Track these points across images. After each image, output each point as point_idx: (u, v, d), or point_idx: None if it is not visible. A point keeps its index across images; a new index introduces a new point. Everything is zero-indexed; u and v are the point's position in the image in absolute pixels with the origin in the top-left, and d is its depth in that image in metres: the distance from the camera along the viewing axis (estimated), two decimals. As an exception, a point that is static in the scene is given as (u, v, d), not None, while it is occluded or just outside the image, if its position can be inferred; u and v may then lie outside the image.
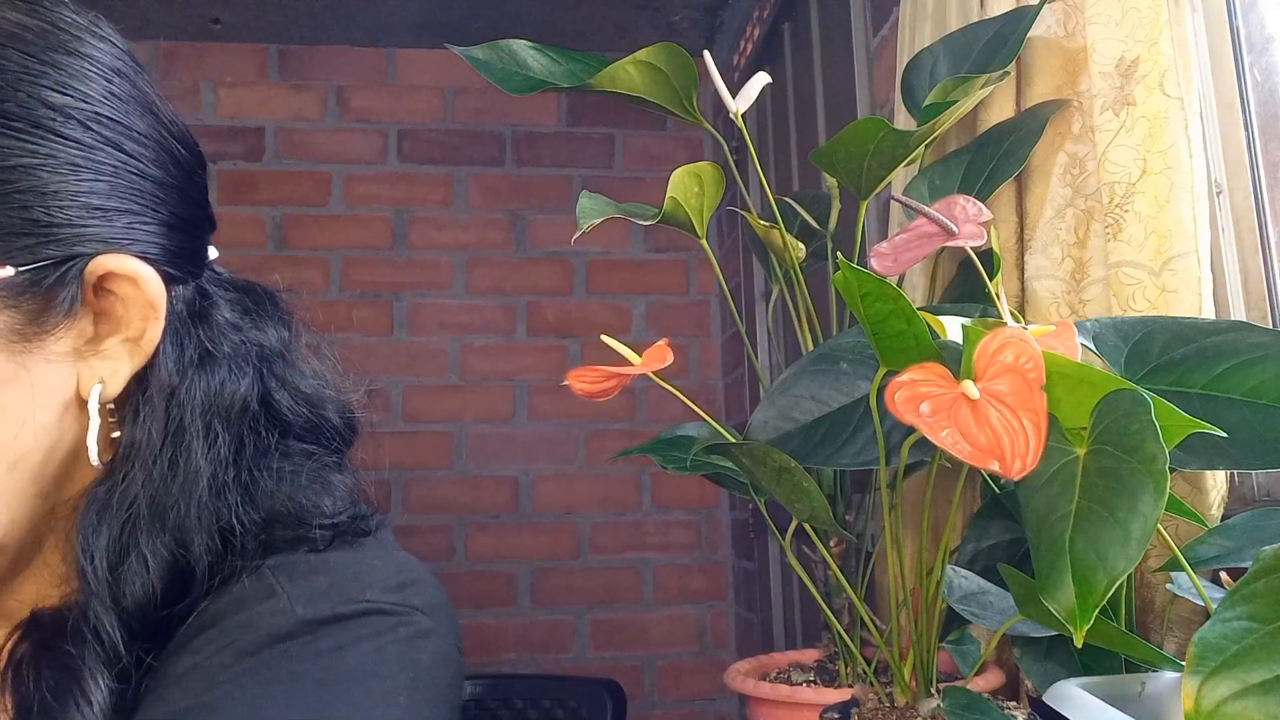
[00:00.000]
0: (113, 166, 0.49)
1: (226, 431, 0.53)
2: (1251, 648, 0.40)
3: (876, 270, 0.77)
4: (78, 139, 0.48)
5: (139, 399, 0.51)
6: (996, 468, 0.50)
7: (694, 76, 0.89)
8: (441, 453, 2.47)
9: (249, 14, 2.39)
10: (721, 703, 2.45)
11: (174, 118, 0.55)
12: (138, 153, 0.51)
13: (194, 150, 0.56)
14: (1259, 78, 0.89)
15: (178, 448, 0.51)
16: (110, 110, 0.50)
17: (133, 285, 0.49)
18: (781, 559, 2.04)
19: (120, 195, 0.49)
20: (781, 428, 0.74)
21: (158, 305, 0.50)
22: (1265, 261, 0.87)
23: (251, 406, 0.55)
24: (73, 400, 0.49)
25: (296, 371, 0.59)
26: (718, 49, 2.45)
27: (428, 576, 0.55)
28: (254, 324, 0.58)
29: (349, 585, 0.51)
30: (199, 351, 0.53)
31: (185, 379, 0.52)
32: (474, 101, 2.59)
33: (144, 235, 0.50)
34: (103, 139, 0.49)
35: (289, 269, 2.46)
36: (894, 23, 1.35)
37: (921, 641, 0.75)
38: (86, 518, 0.49)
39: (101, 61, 0.50)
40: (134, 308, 0.50)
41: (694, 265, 2.63)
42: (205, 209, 0.57)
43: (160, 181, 0.52)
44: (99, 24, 0.52)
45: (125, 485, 0.49)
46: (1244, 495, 0.84)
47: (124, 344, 0.50)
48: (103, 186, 0.49)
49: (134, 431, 0.50)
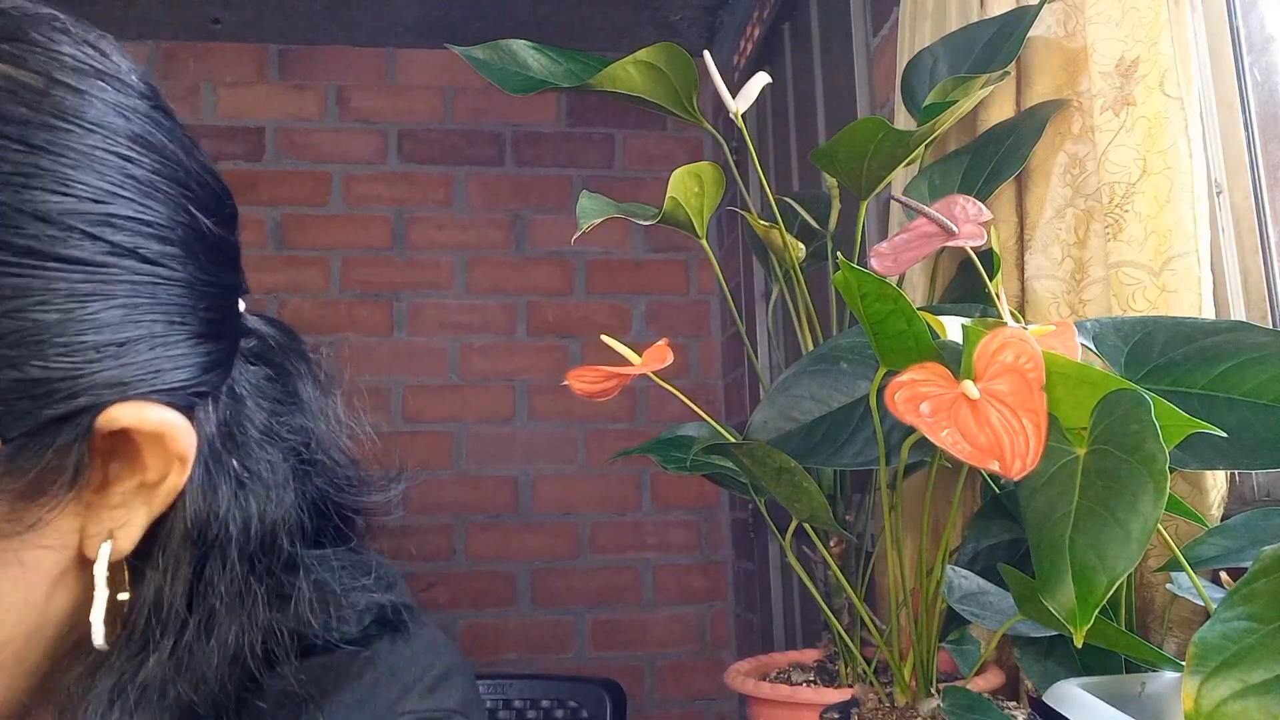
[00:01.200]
0: (129, 284, 0.37)
1: (265, 569, 0.43)
2: (1251, 648, 0.40)
3: (876, 270, 0.77)
4: (83, 258, 0.36)
5: (155, 551, 0.41)
6: (996, 468, 0.50)
7: (694, 76, 0.89)
8: (441, 453, 2.47)
9: (249, 14, 2.39)
10: (721, 703, 2.45)
11: (202, 173, 0.42)
12: (160, 255, 0.39)
13: (225, 211, 0.44)
14: (1259, 78, 0.89)
15: (211, 610, 0.41)
16: (125, 204, 0.38)
17: (158, 440, 0.39)
18: (781, 559, 2.04)
19: (138, 320, 0.38)
20: (781, 428, 0.74)
21: (187, 457, 0.40)
22: (1265, 261, 0.87)
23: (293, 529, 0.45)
24: (73, 563, 0.39)
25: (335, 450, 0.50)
26: (718, 49, 2.45)
27: (457, 660, 0.50)
28: (287, 406, 0.48)
29: (383, 692, 0.44)
30: (233, 484, 0.43)
31: (216, 520, 0.41)
32: (474, 101, 2.59)
33: (168, 363, 0.39)
34: (116, 249, 0.37)
35: (289, 269, 2.46)
36: (894, 23, 1.35)
37: (921, 641, 0.75)
38: (93, 699, 0.39)
39: (112, 127, 0.38)
40: (154, 455, 0.39)
41: (694, 265, 2.63)
42: (239, 281, 0.45)
43: (189, 284, 0.40)
44: (107, 55, 0.39)
45: (144, 660, 0.40)
46: (1244, 495, 0.84)
47: (139, 490, 0.39)
48: (116, 314, 0.37)
49: (152, 594, 0.40)
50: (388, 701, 0.44)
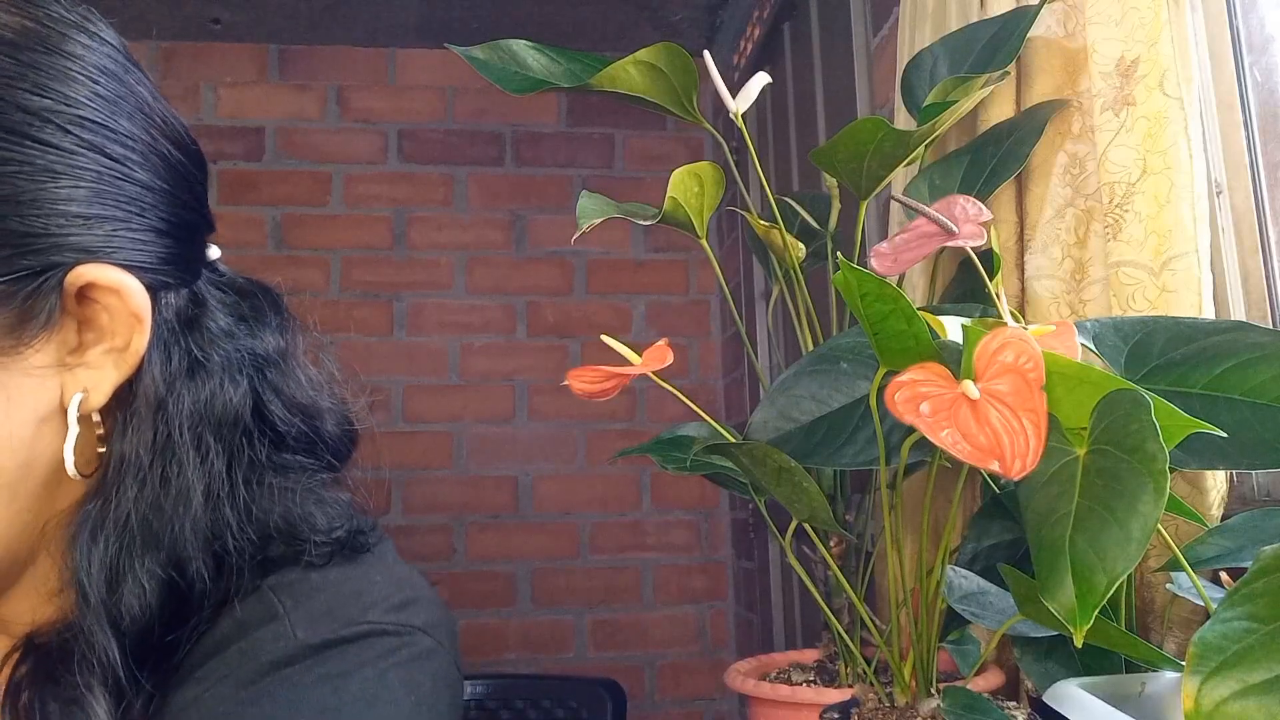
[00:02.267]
0: (95, 172, 0.47)
1: (219, 444, 0.51)
2: (1251, 648, 0.40)
3: (876, 270, 0.77)
4: (56, 144, 0.46)
5: (126, 411, 0.49)
6: (996, 468, 0.50)
7: (694, 76, 0.89)
8: (441, 453, 2.47)
9: (249, 14, 2.39)
10: (721, 703, 2.45)
11: (169, 116, 0.53)
12: (123, 156, 0.49)
13: (190, 150, 0.54)
14: (1259, 78, 0.89)
15: (168, 462, 0.49)
16: (94, 112, 0.48)
17: (116, 296, 0.48)
18: (781, 559, 2.04)
19: (103, 201, 0.48)
20: (781, 428, 0.74)
21: (142, 316, 0.48)
22: (1265, 261, 0.87)
23: (244, 418, 0.53)
24: (55, 412, 0.47)
25: (293, 380, 0.58)
26: (718, 49, 2.45)
27: (428, 592, 0.55)
28: (250, 330, 0.56)
29: (350, 606, 0.50)
30: (188, 361, 0.51)
31: (173, 390, 0.50)
32: (474, 101, 2.59)
33: (129, 243, 0.49)
34: (84, 143, 0.47)
35: (289, 269, 2.46)
36: (894, 23, 1.35)
37: (921, 641, 0.75)
38: (80, 536, 0.47)
39: (87, 60, 0.48)
40: (119, 318, 0.48)
41: (694, 265, 2.63)
42: (201, 211, 0.55)
43: (148, 186, 0.50)
44: (90, 19, 0.50)
45: (117, 502, 0.48)
46: (1244, 495, 0.84)
47: (109, 354, 0.48)
48: (83, 193, 0.47)
49: (122, 445, 0.49)
50: (354, 614, 0.49)
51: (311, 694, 0.46)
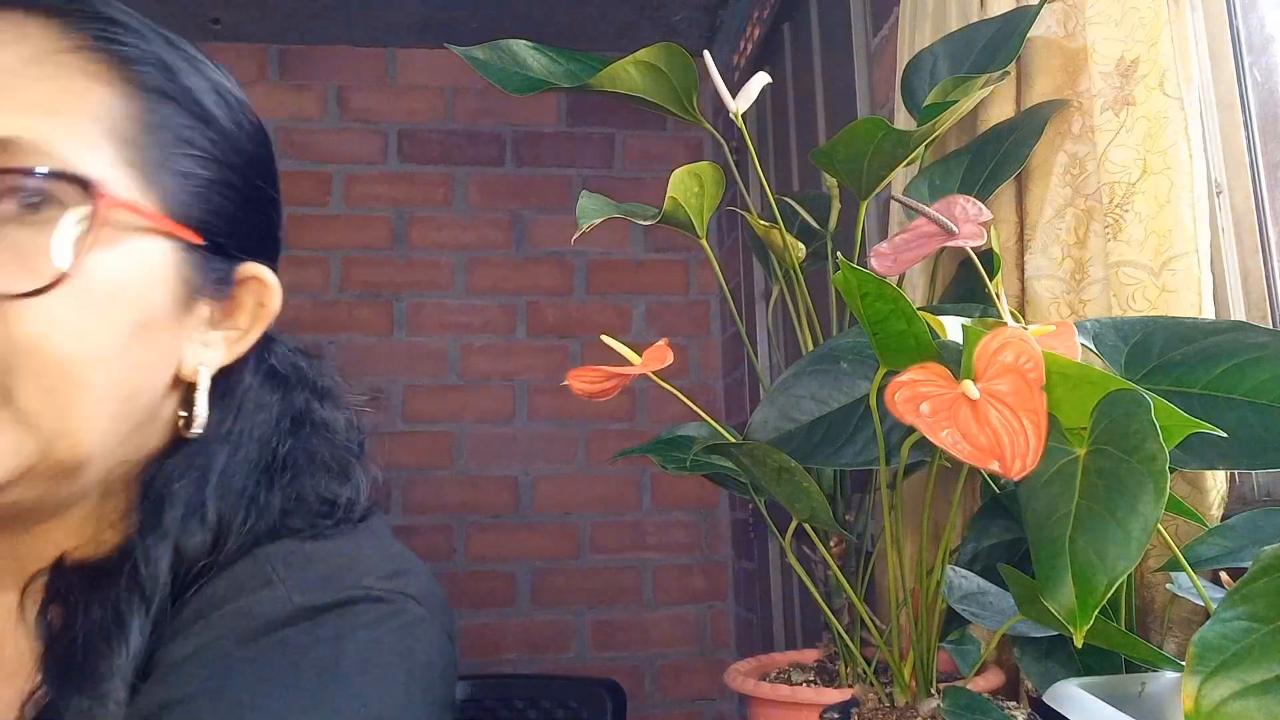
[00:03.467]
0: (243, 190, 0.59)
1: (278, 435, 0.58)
2: (1251, 648, 0.40)
3: (876, 270, 0.77)
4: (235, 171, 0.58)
5: (225, 388, 0.56)
6: (996, 468, 0.50)
7: (694, 76, 0.89)
8: (441, 453, 2.47)
9: (249, 14, 2.39)
10: (721, 703, 2.45)
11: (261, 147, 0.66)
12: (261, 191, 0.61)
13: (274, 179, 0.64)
14: (1259, 78, 0.89)
15: (245, 435, 0.56)
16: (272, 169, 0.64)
17: (265, 293, 0.57)
18: (781, 559, 2.04)
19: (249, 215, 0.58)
20: (781, 428, 0.74)
21: (274, 313, 0.58)
22: (1265, 261, 0.87)
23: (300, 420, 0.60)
24: (174, 375, 0.53)
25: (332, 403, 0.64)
26: (718, 49, 2.45)
27: (419, 565, 0.57)
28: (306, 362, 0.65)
29: (344, 573, 0.52)
30: (268, 366, 0.60)
31: (259, 383, 0.59)
32: (474, 101, 2.59)
33: (264, 251, 0.59)
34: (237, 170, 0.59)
35: (289, 269, 2.42)
36: (894, 23, 1.35)
37: (921, 641, 0.75)
38: (175, 469, 0.53)
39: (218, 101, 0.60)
40: (248, 312, 0.57)
41: (694, 265, 2.63)
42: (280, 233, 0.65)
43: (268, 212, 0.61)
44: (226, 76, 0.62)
45: (209, 454, 0.54)
46: (1244, 495, 0.84)
47: (225, 340, 0.56)
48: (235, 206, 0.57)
49: (218, 414, 0.55)
50: (348, 580, 0.52)
51: (309, 654, 0.47)
